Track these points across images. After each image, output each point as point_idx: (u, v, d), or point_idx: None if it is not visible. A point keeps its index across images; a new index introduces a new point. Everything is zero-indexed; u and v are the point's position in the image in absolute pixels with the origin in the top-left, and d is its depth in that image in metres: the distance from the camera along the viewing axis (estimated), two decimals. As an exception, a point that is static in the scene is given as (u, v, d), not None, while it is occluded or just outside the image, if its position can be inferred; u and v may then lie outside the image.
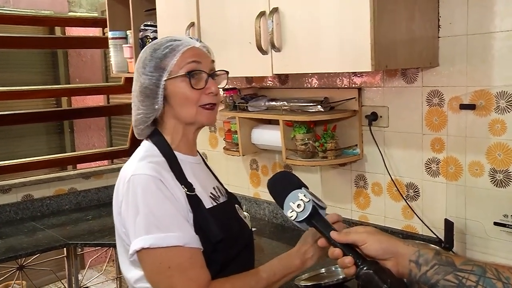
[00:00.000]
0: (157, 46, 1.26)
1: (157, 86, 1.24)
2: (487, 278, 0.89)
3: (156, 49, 1.25)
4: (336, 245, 1.03)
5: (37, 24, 3.71)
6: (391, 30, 1.57)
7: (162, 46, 1.25)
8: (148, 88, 1.24)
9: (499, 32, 1.59)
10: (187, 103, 1.24)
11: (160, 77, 1.23)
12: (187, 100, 1.23)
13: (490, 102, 1.64)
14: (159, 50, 1.24)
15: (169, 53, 1.23)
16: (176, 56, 1.23)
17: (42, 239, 2.46)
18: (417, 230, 1.91)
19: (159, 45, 1.26)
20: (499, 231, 1.67)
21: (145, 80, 1.24)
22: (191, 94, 1.23)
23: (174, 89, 1.24)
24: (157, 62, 1.24)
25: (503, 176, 1.64)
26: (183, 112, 1.25)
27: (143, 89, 1.25)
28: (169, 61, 1.23)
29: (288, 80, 2.29)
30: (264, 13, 1.79)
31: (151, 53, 1.25)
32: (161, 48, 1.24)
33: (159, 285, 1.15)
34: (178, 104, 1.25)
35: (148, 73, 1.24)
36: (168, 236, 1.12)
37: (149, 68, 1.24)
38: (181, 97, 1.24)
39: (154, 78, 1.23)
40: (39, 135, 4.64)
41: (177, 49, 1.24)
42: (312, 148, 2.04)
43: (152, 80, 1.24)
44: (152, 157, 1.23)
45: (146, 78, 1.24)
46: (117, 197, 1.23)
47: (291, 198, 1.11)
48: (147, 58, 1.25)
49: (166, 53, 1.23)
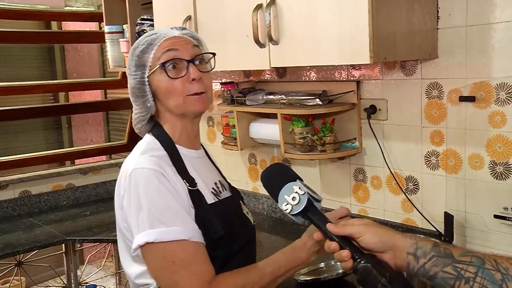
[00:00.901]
0: (136, 44, 1.26)
1: (142, 84, 1.23)
2: (486, 269, 0.89)
3: (135, 47, 1.25)
4: (333, 238, 1.02)
5: (33, 19, 3.68)
6: (390, 22, 1.55)
7: (140, 43, 1.24)
8: (136, 88, 1.25)
9: (499, 23, 1.57)
10: (171, 95, 1.22)
11: (143, 74, 1.23)
12: (170, 91, 1.22)
13: (490, 94, 1.62)
14: (138, 48, 1.24)
15: (146, 49, 1.22)
16: (153, 49, 1.22)
17: (39, 235, 2.45)
18: (417, 223, 1.90)
19: (137, 43, 1.26)
20: (499, 224, 1.66)
21: (132, 80, 1.25)
22: (173, 84, 1.21)
23: (157, 83, 1.23)
24: (137, 60, 1.23)
25: (503, 169, 1.63)
26: (171, 104, 1.23)
27: (132, 89, 1.26)
28: (147, 56, 1.22)
29: (286, 74, 2.27)
30: (261, 5, 1.77)
31: (131, 53, 1.25)
32: (139, 46, 1.24)
33: (163, 280, 1.14)
34: (164, 97, 1.23)
35: (132, 73, 1.24)
36: (172, 230, 1.11)
37: (132, 68, 1.24)
38: (164, 89, 1.22)
39: (138, 76, 1.23)
40: (36, 131, 4.62)
41: (154, 43, 1.22)
42: (311, 142, 2.02)
43: (137, 79, 1.24)
44: (154, 151, 1.22)
45: (132, 78, 1.25)
46: (119, 192, 1.21)
47: (285, 191, 1.09)
48: (129, 58, 1.26)
49: (144, 49, 1.23)
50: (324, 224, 1.04)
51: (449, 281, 0.90)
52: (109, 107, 4.00)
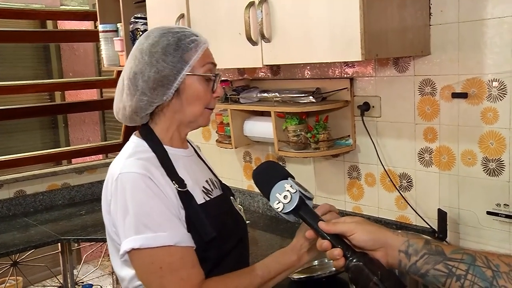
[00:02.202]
0: (181, 36, 1.20)
1: (175, 78, 1.19)
2: (477, 266, 0.88)
3: (181, 39, 1.19)
4: (325, 236, 1.01)
5: (27, 18, 3.67)
6: (382, 18, 1.54)
7: (187, 38, 1.20)
8: (167, 77, 1.18)
9: (491, 19, 1.57)
10: (197, 103, 1.23)
11: (181, 69, 1.19)
12: (200, 100, 1.22)
13: (482, 90, 1.62)
14: (185, 42, 1.19)
15: (194, 47, 1.20)
16: (198, 51, 1.21)
17: (34, 235, 2.44)
18: (411, 220, 1.90)
19: (183, 35, 1.20)
20: (492, 220, 1.65)
21: (165, 68, 1.18)
22: (205, 95, 1.23)
23: (191, 85, 1.21)
24: (182, 54, 1.19)
25: (495, 165, 1.63)
26: (189, 109, 1.22)
27: (160, 77, 1.18)
28: (192, 55, 1.20)
29: (280, 71, 2.27)
30: (253, 3, 1.77)
31: (177, 43, 1.19)
32: (187, 40, 1.20)
33: (151, 286, 1.13)
34: (190, 100, 1.22)
35: (169, 62, 1.18)
36: (158, 235, 1.10)
37: (172, 57, 1.18)
38: (195, 95, 1.22)
39: (176, 69, 1.18)
40: (33, 130, 4.62)
41: (199, 46, 1.21)
42: (304, 140, 2.02)
43: (173, 70, 1.18)
44: (141, 153, 1.19)
45: (167, 67, 1.18)
46: (106, 196, 1.19)
47: (277, 189, 1.09)
48: (170, 46, 1.19)
49: (192, 47, 1.20)
50: (316, 222, 1.03)
51: (440, 278, 0.90)
52: (105, 106, 3.98)
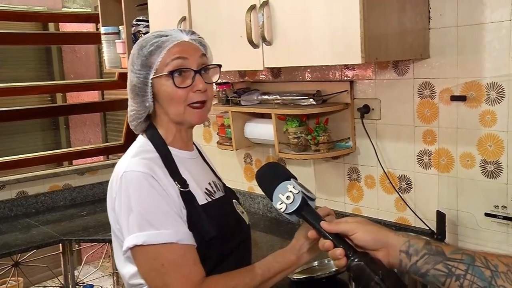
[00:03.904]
0: (144, 43, 1.24)
1: (145, 84, 1.23)
2: (476, 266, 0.90)
3: (143, 46, 1.23)
4: (327, 236, 1.03)
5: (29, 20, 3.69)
6: (382, 22, 1.56)
7: (149, 43, 1.23)
8: (137, 86, 1.24)
9: (489, 23, 1.59)
10: (173, 102, 1.22)
11: (147, 75, 1.22)
12: (173, 99, 1.22)
13: (480, 94, 1.64)
14: (146, 48, 1.22)
15: (155, 50, 1.21)
16: (162, 53, 1.21)
17: (36, 236, 2.46)
18: (410, 222, 1.91)
19: (146, 41, 1.24)
20: (490, 221, 1.67)
21: (133, 78, 1.24)
22: (176, 92, 1.21)
23: (160, 88, 1.23)
24: (144, 60, 1.22)
25: (493, 167, 1.65)
26: (171, 110, 1.24)
27: (132, 87, 1.25)
28: (155, 58, 1.21)
29: (281, 74, 2.29)
30: (254, 6, 1.79)
31: (138, 51, 1.24)
32: (147, 45, 1.22)
33: (153, 282, 1.15)
34: (166, 102, 1.23)
35: (136, 71, 1.23)
36: (161, 233, 1.12)
37: (137, 66, 1.23)
38: (167, 95, 1.22)
39: (142, 76, 1.22)
40: (34, 132, 4.63)
41: (163, 46, 1.21)
42: (305, 142, 2.04)
43: (140, 78, 1.23)
44: (146, 153, 1.22)
45: (134, 76, 1.24)
46: (111, 194, 1.22)
47: (280, 190, 1.10)
48: (134, 55, 1.24)
49: (152, 51, 1.21)
50: (318, 222, 1.05)
51: (440, 278, 0.91)
52: (106, 108, 4.02)
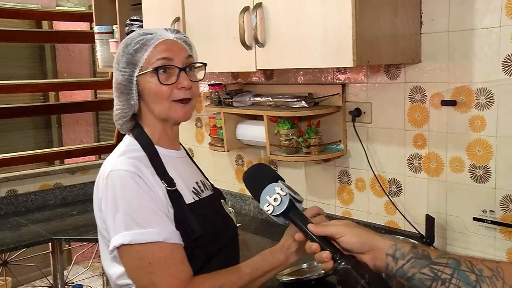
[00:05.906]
0: (129, 41, 1.25)
1: (130, 82, 1.23)
2: (461, 270, 0.91)
3: (128, 44, 1.24)
4: (314, 239, 1.02)
5: (23, 18, 3.67)
6: (374, 25, 1.57)
7: (134, 41, 1.24)
8: (122, 84, 1.24)
9: (480, 29, 1.60)
10: (158, 99, 1.23)
11: (132, 72, 1.23)
12: (158, 95, 1.22)
13: (470, 99, 1.65)
14: (131, 46, 1.23)
15: (140, 48, 1.22)
16: (147, 50, 1.22)
17: (25, 234, 2.44)
18: (399, 225, 1.92)
19: (131, 40, 1.25)
20: (478, 226, 1.68)
21: (119, 76, 1.25)
22: (161, 89, 1.22)
23: (145, 85, 1.23)
24: (129, 58, 1.23)
25: (482, 172, 1.66)
26: (156, 107, 1.24)
27: (117, 85, 1.26)
28: (140, 56, 1.22)
29: (274, 76, 2.29)
30: (248, 8, 1.79)
31: (123, 49, 1.25)
32: (132, 43, 1.23)
33: (140, 281, 1.15)
34: (151, 99, 1.24)
35: (121, 69, 1.24)
36: (147, 231, 1.12)
37: (122, 64, 1.24)
38: (152, 92, 1.23)
39: (127, 74, 1.23)
40: (26, 130, 4.60)
41: (148, 44, 1.22)
42: (296, 144, 2.04)
43: (125, 76, 1.23)
44: (133, 152, 1.22)
45: (120, 74, 1.24)
46: (97, 193, 1.22)
47: (267, 192, 1.10)
48: (119, 53, 1.25)
49: (137, 48, 1.22)
50: (305, 225, 1.05)
51: (426, 282, 0.92)
52: (98, 107, 4.00)
